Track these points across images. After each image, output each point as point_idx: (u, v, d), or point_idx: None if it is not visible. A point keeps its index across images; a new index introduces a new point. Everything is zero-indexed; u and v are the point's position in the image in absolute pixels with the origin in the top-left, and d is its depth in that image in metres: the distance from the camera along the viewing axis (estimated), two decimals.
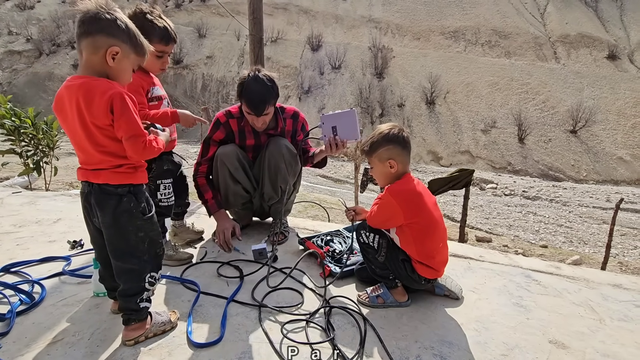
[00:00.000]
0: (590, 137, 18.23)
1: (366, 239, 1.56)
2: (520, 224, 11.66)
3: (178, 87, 24.23)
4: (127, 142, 1.11)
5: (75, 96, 1.07)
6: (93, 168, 1.14)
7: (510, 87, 20.75)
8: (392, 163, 1.49)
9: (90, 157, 1.13)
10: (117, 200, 1.15)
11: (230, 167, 1.98)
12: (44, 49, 26.23)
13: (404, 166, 1.52)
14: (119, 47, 1.10)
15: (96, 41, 1.08)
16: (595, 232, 10.96)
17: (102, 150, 1.11)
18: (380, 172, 1.55)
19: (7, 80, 25.23)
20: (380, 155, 1.51)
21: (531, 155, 17.88)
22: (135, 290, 1.20)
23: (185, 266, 1.74)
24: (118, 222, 1.15)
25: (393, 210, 1.46)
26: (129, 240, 1.17)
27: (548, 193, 15.17)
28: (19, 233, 2.08)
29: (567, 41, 22.97)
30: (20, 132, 3.70)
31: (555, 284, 1.73)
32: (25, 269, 1.67)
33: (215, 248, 1.97)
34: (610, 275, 1.88)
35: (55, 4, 30.91)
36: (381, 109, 20.44)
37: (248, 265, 1.79)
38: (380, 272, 1.56)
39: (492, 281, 1.73)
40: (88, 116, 1.07)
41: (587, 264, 6.96)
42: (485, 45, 23.03)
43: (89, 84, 1.07)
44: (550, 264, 1.95)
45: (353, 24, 25.91)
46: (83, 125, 1.09)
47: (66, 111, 1.10)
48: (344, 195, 12.72)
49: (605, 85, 20.26)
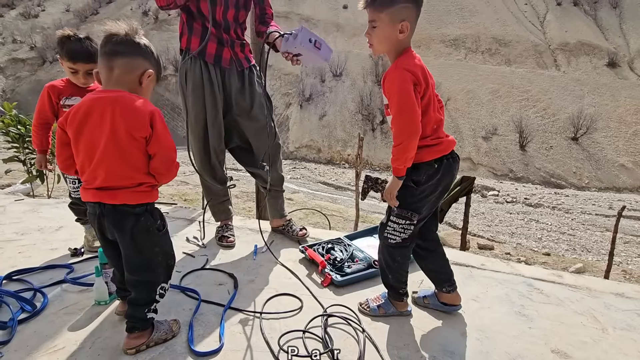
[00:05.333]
0: (591, 144, 18.25)
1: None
2: (523, 231, 11.61)
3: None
4: (160, 158, 1.16)
5: (111, 106, 1.09)
6: (110, 187, 1.12)
7: (511, 95, 20.85)
8: (405, 26, 1.24)
9: (112, 174, 1.11)
10: (134, 220, 1.15)
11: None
12: (47, 57, 26.56)
13: (411, 33, 1.29)
14: (152, 71, 1.18)
15: (134, 62, 1.15)
16: (599, 239, 10.90)
17: (130, 164, 1.13)
18: (386, 34, 1.28)
19: (11, 87, 25.50)
20: (394, 12, 1.23)
21: (532, 163, 17.89)
22: (146, 300, 1.21)
23: (184, 274, 1.74)
24: (135, 241, 1.16)
25: (412, 91, 1.23)
26: (145, 256, 1.19)
27: (550, 200, 15.14)
28: (22, 241, 2.08)
29: (567, 49, 23.13)
30: (24, 140, 3.73)
31: (557, 292, 1.73)
32: (27, 276, 1.68)
33: (216, 256, 1.96)
34: (613, 284, 1.87)
35: (60, 12, 31.37)
36: (382, 116, 20.52)
37: (245, 272, 1.79)
38: (394, 283, 1.47)
39: (494, 290, 1.73)
40: (125, 125, 1.09)
41: (591, 272, 6.92)
42: (485, 53, 23.20)
43: (129, 97, 1.12)
44: (552, 272, 1.94)
45: (354, 32, 26.15)
46: (115, 135, 1.09)
47: (93, 122, 1.10)
48: (345, 202, 12.71)
49: (605, 92, 20.34)
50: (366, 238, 2.19)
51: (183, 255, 1.96)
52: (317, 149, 20.18)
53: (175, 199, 10.15)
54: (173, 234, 2.25)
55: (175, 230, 2.32)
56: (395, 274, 1.46)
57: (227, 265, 1.87)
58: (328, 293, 1.65)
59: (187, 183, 13.40)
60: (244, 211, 8.03)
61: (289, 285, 1.69)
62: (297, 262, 1.93)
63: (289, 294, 1.60)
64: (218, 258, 1.95)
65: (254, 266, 1.87)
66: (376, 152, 19.39)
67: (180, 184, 13.20)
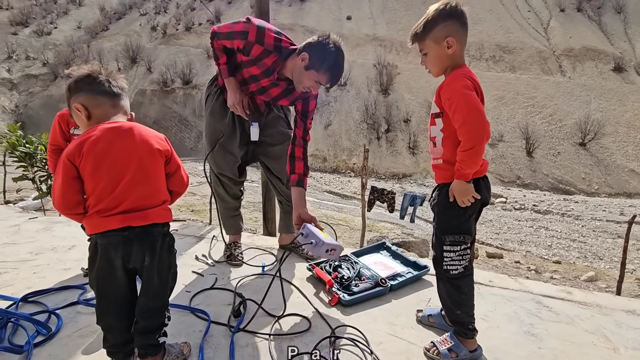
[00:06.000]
0: (600, 150, 18.05)
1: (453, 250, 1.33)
2: (532, 238, 11.45)
3: (187, 106, 24.77)
4: (178, 175, 1.26)
5: (132, 132, 1.15)
6: (141, 207, 1.13)
7: (516, 101, 20.79)
8: (450, 41, 1.29)
9: (143, 194, 1.14)
10: (162, 240, 1.18)
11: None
12: (59, 73, 27.14)
13: (461, 47, 1.32)
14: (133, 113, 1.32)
15: (127, 103, 1.27)
16: (610, 246, 10.70)
17: (157, 182, 1.19)
18: (436, 55, 1.33)
19: (24, 102, 26.09)
20: (436, 34, 1.30)
21: (540, 169, 17.74)
22: (157, 326, 1.21)
23: (194, 294, 1.77)
24: (162, 262, 1.18)
25: (476, 96, 1.24)
26: (164, 278, 1.20)
27: (559, 207, 14.93)
28: (36, 261, 2.13)
29: (571, 55, 23.06)
30: (32, 158, 3.81)
31: (567, 310, 1.71)
32: (42, 298, 1.71)
33: (225, 275, 1.99)
34: (624, 301, 1.85)
35: (71, 29, 32.17)
36: (387, 124, 20.58)
37: (253, 291, 1.80)
38: (464, 318, 1.36)
39: (503, 307, 1.72)
40: (151, 146, 1.16)
41: (603, 280, 6.78)
42: (489, 60, 23.23)
43: (141, 125, 1.20)
44: (562, 288, 1.93)
45: (358, 42, 26.40)
46: (143, 157, 1.14)
47: (117, 148, 1.12)
48: (351, 211, 12.67)
49: (612, 97, 20.18)
50: (373, 255, 2.19)
51: (192, 274, 1.99)
52: (323, 158, 20.25)
53: (183, 210, 10.23)
54: (182, 252, 2.29)
55: (185, 247, 2.35)
56: (465, 307, 1.37)
57: (236, 284, 1.89)
58: (336, 312, 1.66)
59: (194, 194, 13.51)
60: (250, 221, 8.07)
61: (297, 304, 1.71)
62: (305, 280, 1.94)
63: (297, 314, 1.61)
64: (227, 277, 1.97)
65: (262, 285, 1.88)
66: (382, 160, 19.39)
67: (188, 194, 13.31)
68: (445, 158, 1.35)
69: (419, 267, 1.99)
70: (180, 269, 2.03)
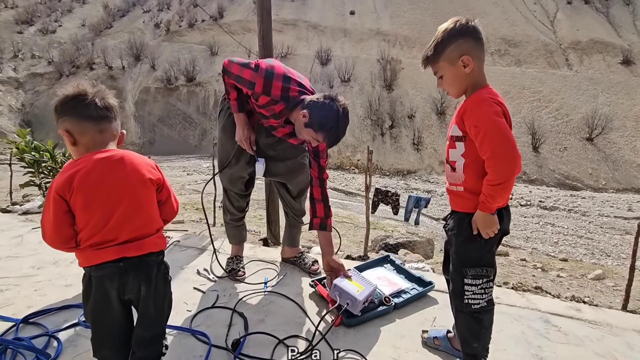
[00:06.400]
0: (607, 145, 17.79)
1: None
2: (538, 235, 11.35)
3: (191, 104, 24.77)
4: (169, 202, 1.24)
5: (123, 163, 1.11)
6: (136, 237, 1.11)
7: (522, 96, 20.52)
8: (466, 60, 1.21)
9: (138, 225, 1.12)
10: (157, 269, 1.16)
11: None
12: (64, 71, 27.23)
13: (479, 64, 1.23)
14: (124, 131, 1.25)
15: (117, 126, 1.20)
16: (618, 243, 10.58)
17: (150, 211, 1.17)
18: (453, 77, 1.25)
19: (30, 101, 26.23)
20: (449, 55, 1.23)
21: (546, 164, 17.53)
22: (154, 356, 1.20)
23: (194, 313, 1.74)
24: (157, 291, 1.16)
25: (506, 123, 1.15)
26: (159, 306, 1.18)
27: (566, 203, 14.77)
28: (37, 276, 2.12)
29: (578, 47, 22.67)
30: (39, 165, 3.82)
31: (575, 329, 1.67)
32: (42, 319, 1.70)
33: (227, 292, 1.96)
34: (635, 319, 1.80)
35: (76, 27, 32.19)
36: (391, 120, 20.43)
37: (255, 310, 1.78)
38: (480, 351, 1.31)
39: (510, 328, 1.68)
40: (143, 175, 1.13)
41: (611, 279, 6.69)
42: (494, 54, 22.90)
43: (132, 153, 1.16)
44: (570, 305, 1.88)
45: (361, 37, 26.16)
46: (136, 187, 1.12)
47: (109, 181, 1.08)
48: (355, 208, 12.63)
49: (620, 91, 19.84)
50: (377, 269, 2.16)
51: (194, 290, 1.97)
52: (327, 155, 20.19)
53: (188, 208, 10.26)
54: (184, 266, 2.27)
55: (187, 261, 2.33)
56: (482, 340, 1.31)
57: (237, 301, 1.86)
58: (339, 332, 1.63)
59: (198, 192, 13.56)
60: (254, 219, 8.06)
61: (299, 325, 1.68)
62: (307, 297, 1.91)
63: (299, 336, 1.59)
64: (228, 293, 1.95)
65: (264, 302, 1.86)
66: (386, 157, 19.28)
67: (192, 192, 13.36)
68: (467, 187, 1.27)
69: (424, 283, 1.95)
70: (181, 284, 2.03)
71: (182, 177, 16.63)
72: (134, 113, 24.89)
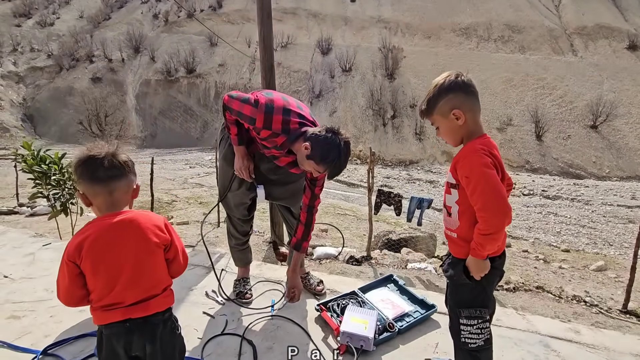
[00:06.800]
0: (612, 132, 17.63)
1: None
2: (541, 225, 11.38)
3: (192, 96, 24.66)
4: (177, 260, 1.27)
5: (132, 226, 1.16)
6: (142, 299, 1.17)
7: (526, 83, 20.26)
8: (457, 113, 1.28)
9: (144, 288, 1.17)
10: (162, 326, 1.21)
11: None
12: (64, 64, 27.09)
13: (473, 115, 1.29)
14: (139, 183, 1.26)
15: (128, 181, 1.21)
16: (621, 232, 10.59)
17: (157, 272, 1.21)
18: (447, 128, 1.33)
19: (31, 95, 26.18)
20: (441, 109, 1.31)
21: (550, 153, 17.44)
22: None
23: (205, 342, 1.81)
24: (163, 347, 1.20)
25: (497, 176, 1.19)
26: (170, 359, 1.23)
27: (569, 192, 14.74)
28: (52, 301, 2.19)
29: (584, 33, 22.25)
30: (47, 177, 3.87)
31: (574, 354, 1.73)
32: (60, 349, 1.78)
33: (235, 316, 2.03)
34: (632, 341, 1.85)
35: (74, 19, 31.87)
36: (393, 110, 20.28)
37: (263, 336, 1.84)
38: None
39: (510, 353, 1.74)
40: (154, 238, 1.18)
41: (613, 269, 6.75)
42: (498, 41, 22.54)
43: (140, 214, 1.20)
44: (570, 327, 1.94)
45: (362, 25, 25.76)
46: (143, 252, 1.17)
47: (117, 246, 1.14)
48: (358, 199, 12.68)
49: (626, 77, 19.54)
50: (381, 289, 2.21)
51: (203, 315, 2.04)
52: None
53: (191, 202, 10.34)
54: (193, 287, 2.33)
55: (195, 281, 2.40)
56: None
57: (246, 328, 1.92)
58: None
59: (201, 185, 13.63)
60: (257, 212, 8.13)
61: (307, 353, 1.74)
62: (314, 322, 1.98)
63: None
64: (237, 318, 2.02)
65: (272, 328, 1.92)
66: (388, 147, 19.22)
67: (195, 186, 13.44)
68: (461, 234, 1.32)
69: (427, 305, 2.01)
70: (191, 308, 2.10)
71: (185, 171, 16.70)
72: (135, 106, 24.83)
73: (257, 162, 2.07)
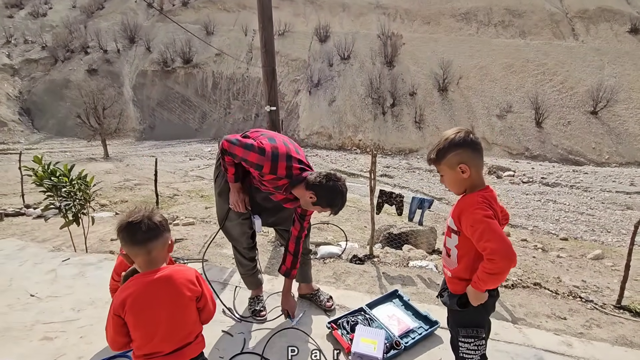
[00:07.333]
0: (612, 118, 17.64)
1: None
2: (540, 213, 11.53)
3: (189, 86, 24.49)
4: (208, 308, 1.42)
5: (169, 284, 1.32)
6: (178, 348, 1.34)
7: (526, 69, 20.13)
8: (464, 167, 1.41)
9: (180, 338, 1.34)
10: None
11: None
12: (58, 56, 26.77)
13: (477, 170, 1.43)
14: (173, 238, 1.36)
15: (164, 239, 1.36)
16: (619, 219, 10.74)
17: (190, 323, 1.37)
18: (452, 179, 1.47)
19: (27, 88, 25.98)
20: (449, 161, 1.44)
21: (549, 140, 17.50)
22: None
23: None
24: None
25: (496, 222, 1.34)
26: None
27: (568, 179, 14.86)
28: (79, 321, 2.33)
29: (585, 16, 21.97)
30: (58, 189, 3.97)
31: None
32: None
33: (252, 334, 2.18)
34: (620, 352, 2.00)
35: (67, 9, 31.30)
36: (392, 98, 20.20)
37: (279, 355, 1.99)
38: None
39: None
40: (187, 292, 1.34)
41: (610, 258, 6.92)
42: (498, 26, 22.28)
43: (176, 270, 1.36)
44: (562, 339, 2.08)
45: (361, 12, 25.39)
46: (178, 306, 1.33)
47: (156, 303, 1.30)
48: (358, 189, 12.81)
49: (627, 61, 19.41)
50: (387, 305, 2.35)
51: (222, 333, 2.18)
52: (328, 136, 20.14)
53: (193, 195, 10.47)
54: None
55: None
56: None
57: (263, 345, 2.06)
58: None
59: (202, 178, 13.74)
60: None
61: None
62: (325, 339, 2.12)
63: None
64: (254, 336, 2.16)
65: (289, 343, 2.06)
66: (387, 136, 19.25)
67: (197, 179, 13.55)
68: (457, 275, 1.47)
69: (430, 322, 2.15)
70: (211, 326, 2.23)
71: (185, 163, 16.75)
72: (133, 98, 24.68)
73: (252, 193, 2.21)
